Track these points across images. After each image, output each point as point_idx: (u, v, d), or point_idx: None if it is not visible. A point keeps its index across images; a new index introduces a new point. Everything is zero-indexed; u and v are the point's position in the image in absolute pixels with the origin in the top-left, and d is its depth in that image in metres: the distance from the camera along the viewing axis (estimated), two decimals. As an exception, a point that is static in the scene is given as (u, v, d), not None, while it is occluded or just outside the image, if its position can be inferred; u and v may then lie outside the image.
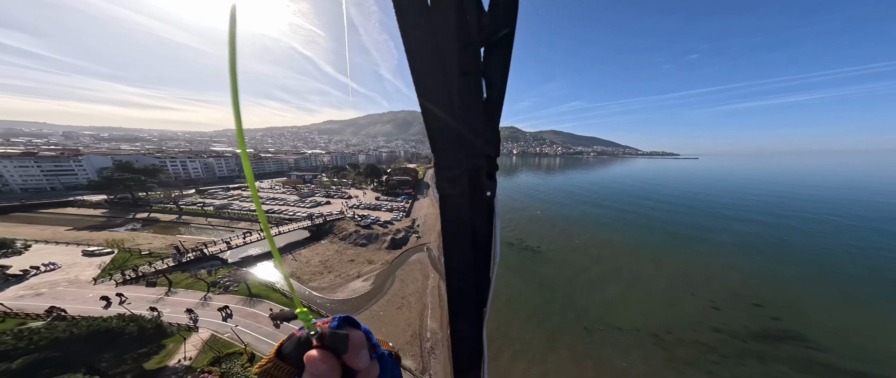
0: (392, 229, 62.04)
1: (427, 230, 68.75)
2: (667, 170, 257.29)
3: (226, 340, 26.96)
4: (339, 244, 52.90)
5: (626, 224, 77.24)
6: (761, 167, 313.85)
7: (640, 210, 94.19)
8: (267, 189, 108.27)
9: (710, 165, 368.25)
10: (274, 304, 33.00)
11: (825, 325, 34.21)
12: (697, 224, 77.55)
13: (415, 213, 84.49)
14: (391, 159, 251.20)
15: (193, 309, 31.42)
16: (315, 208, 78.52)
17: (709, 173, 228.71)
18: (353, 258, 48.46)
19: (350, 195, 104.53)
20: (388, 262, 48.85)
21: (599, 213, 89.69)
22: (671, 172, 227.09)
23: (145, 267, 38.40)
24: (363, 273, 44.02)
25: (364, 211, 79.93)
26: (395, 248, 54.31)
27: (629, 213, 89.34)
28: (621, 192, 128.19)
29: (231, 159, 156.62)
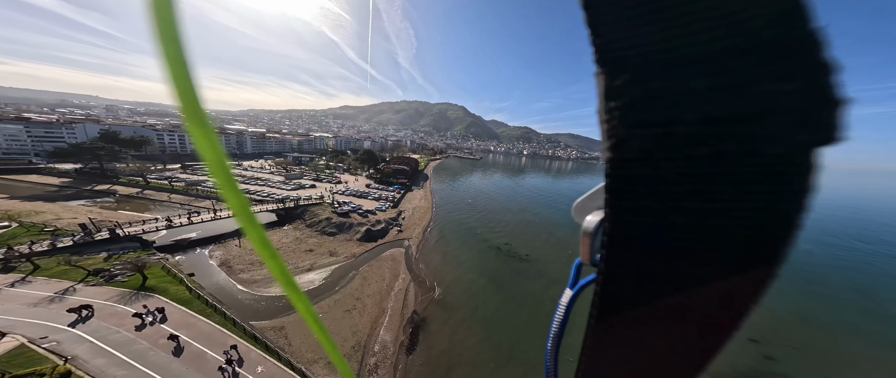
0: (371, 220, 56.98)
1: (412, 224, 63.52)
2: None
3: (40, 353, 20.36)
4: (304, 231, 48.14)
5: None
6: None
7: None
8: (256, 168, 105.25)
9: None
10: (170, 301, 26.55)
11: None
12: None
13: (404, 204, 79.43)
14: (395, 148, 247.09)
15: (36, 305, 24.67)
16: (296, 191, 74.30)
17: None
18: (313, 248, 43.57)
19: (341, 180, 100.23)
20: (354, 255, 43.77)
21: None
22: None
23: (24, 247, 31.52)
24: (318, 266, 39.04)
25: (347, 197, 75.21)
26: (368, 241, 49.21)
27: None
28: None
29: (238, 137, 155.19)
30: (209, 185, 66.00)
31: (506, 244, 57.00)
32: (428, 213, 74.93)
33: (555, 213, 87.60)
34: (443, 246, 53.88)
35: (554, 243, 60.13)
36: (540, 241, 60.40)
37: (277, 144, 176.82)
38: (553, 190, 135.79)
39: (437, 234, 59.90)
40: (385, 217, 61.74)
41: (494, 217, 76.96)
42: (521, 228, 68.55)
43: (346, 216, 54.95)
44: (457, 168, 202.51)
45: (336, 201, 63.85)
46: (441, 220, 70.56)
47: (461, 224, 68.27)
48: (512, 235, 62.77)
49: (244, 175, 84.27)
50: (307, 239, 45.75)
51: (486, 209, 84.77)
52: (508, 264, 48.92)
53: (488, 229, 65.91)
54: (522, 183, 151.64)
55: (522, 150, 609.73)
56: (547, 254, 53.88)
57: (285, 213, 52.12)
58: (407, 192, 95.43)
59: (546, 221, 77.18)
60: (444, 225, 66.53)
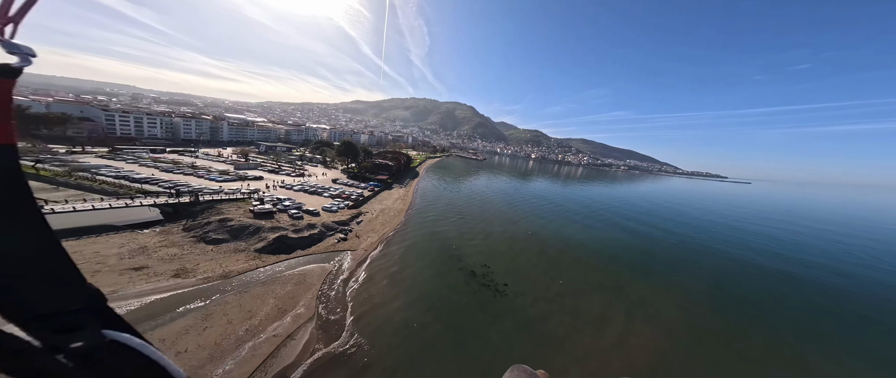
0: (303, 223, 42.45)
1: (368, 230, 48.88)
2: (706, 192, 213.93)
3: None
4: (177, 236, 33.88)
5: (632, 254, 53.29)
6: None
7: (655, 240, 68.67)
8: (212, 155, 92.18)
9: (767, 192, 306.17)
10: None
11: None
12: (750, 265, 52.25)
13: (371, 204, 64.82)
14: (394, 143, 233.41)
15: None
16: (233, 182, 60.41)
17: (762, 200, 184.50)
18: (169, 258, 29.07)
19: (307, 172, 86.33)
20: (226, 275, 29.19)
21: (608, 236, 65.46)
22: (713, 195, 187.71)
23: None
24: (130, 293, 24.24)
25: (295, 193, 60.93)
26: (276, 253, 34.71)
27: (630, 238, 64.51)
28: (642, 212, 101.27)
29: (214, 123, 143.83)
30: (108, 171, 52.18)
31: (483, 267, 41.63)
32: (398, 216, 60.15)
33: (552, 225, 71.44)
34: (398, 263, 39.05)
35: (544, 268, 44.40)
36: (527, 265, 44.78)
37: (261, 133, 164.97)
38: (556, 197, 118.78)
39: (397, 246, 45.04)
40: (330, 220, 47.20)
41: (480, 227, 61.48)
42: (508, 245, 52.96)
43: (266, 217, 40.57)
44: (456, 168, 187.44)
45: (262, 198, 49.42)
46: (412, 227, 55.61)
47: (435, 234, 53.13)
48: (495, 254, 47.28)
49: (177, 164, 70.65)
50: (166, 247, 31.29)
51: (473, 217, 69.29)
52: (477, 297, 33.74)
53: (467, 244, 50.57)
54: (524, 189, 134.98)
55: (530, 153, 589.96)
56: (531, 284, 38.40)
57: (174, 210, 37.89)
58: (383, 190, 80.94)
59: (541, 236, 61.16)
60: (412, 234, 51.61)
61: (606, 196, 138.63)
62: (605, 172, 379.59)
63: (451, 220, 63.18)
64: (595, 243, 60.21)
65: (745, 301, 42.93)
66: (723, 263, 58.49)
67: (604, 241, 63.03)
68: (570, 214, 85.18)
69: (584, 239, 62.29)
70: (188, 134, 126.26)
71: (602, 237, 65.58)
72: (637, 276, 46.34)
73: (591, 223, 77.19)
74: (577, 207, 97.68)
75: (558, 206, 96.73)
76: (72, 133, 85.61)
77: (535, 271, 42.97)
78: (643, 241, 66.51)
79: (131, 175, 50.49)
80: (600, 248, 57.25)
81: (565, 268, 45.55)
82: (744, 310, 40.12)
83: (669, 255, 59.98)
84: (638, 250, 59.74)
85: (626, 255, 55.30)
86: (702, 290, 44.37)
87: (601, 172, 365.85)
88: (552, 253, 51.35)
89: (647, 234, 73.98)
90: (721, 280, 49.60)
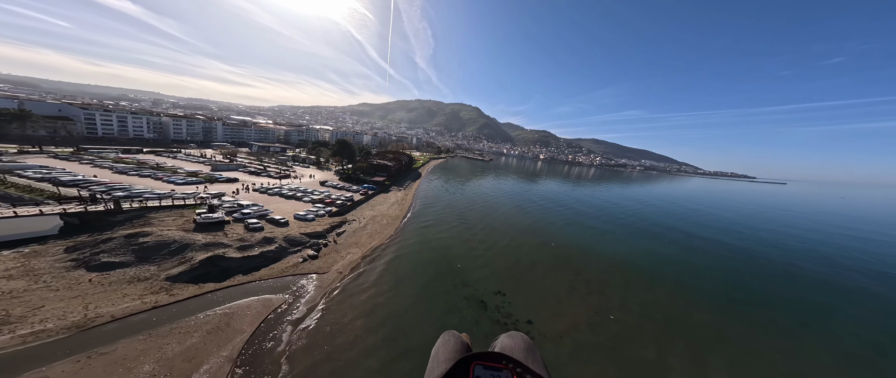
0: (261, 237, 32.87)
1: (350, 244, 39.20)
2: (740, 194, 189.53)
3: None
4: (48, 258, 24.61)
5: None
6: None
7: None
8: (194, 156, 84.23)
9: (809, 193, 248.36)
10: None
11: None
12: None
13: (361, 211, 55.10)
14: (398, 144, 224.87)
15: None
16: (193, 186, 51.46)
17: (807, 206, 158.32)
18: (10, 292, 19.51)
19: (295, 174, 77.45)
20: (98, 319, 19.65)
21: (653, 250, 53.66)
22: (750, 197, 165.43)
23: None
24: None
25: (270, 197, 51.60)
26: (205, 280, 25.37)
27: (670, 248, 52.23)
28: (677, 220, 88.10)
29: (207, 123, 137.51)
30: (42, 171, 43.79)
31: (497, 295, 31.25)
32: (392, 225, 50.30)
33: (577, 235, 60.25)
34: (381, 291, 29.14)
35: (582, 295, 33.58)
36: (557, 290, 34.06)
37: (259, 133, 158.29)
38: (574, 201, 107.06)
39: (384, 265, 35.11)
40: (301, 231, 37.53)
41: (490, 238, 51.03)
42: (527, 262, 42.34)
43: (211, 229, 31.05)
44: (461, 169, 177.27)
45: (212, 205, 40.09)
46: (407, 238, 45.63)
47: (435, 248, 42.99)
48: (510, 275, 36.74)
49: (144, 163, 62.33)
50: (7, 279, 21.46)
51: (480, 224, 58.83)
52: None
53: (475, 260, 40.20)
54: (536, 191, 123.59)
55: (538, 154, 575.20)
56: (568, 320, 27.76)
57: (82, 221, 28.68)
58: (379, 193, 71.26)
59: (568, 251, 50.19)
60: (406, 247, 41.63)
61: (629, 199, 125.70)
62: (619, 173, 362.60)
63: (455, 229, 52.89)
64: (640, 260, 48.42)
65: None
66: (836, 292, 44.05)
67: (650, 255, 51.21)
68: (597, 222, 73.65)
69: (625, 254, 50.73)
70: (179, 134, 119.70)
71: (646, 251, 53.62)
72: (719, 309, 34.78)
73: (624, 233, 65.40)
74: (600, 213, 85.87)
75: (578, 211, 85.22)
76: (45, 131, 79.33)
77: (569, 300, 32.24)
78: (701, 258, 53.64)
79: (59, 177, 41.94)
80: (649, 267, 45.67)
81: (611, 295, 34.64)
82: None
83: (751, 276, 47.67)
84: (699, 270, 47.65)
85: (686, 277, 43.52)
86: (858, 338, 32.40)
87: (615, 173, 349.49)
88: (588, 273, 40.38)
89: (701, 248, 60.03)
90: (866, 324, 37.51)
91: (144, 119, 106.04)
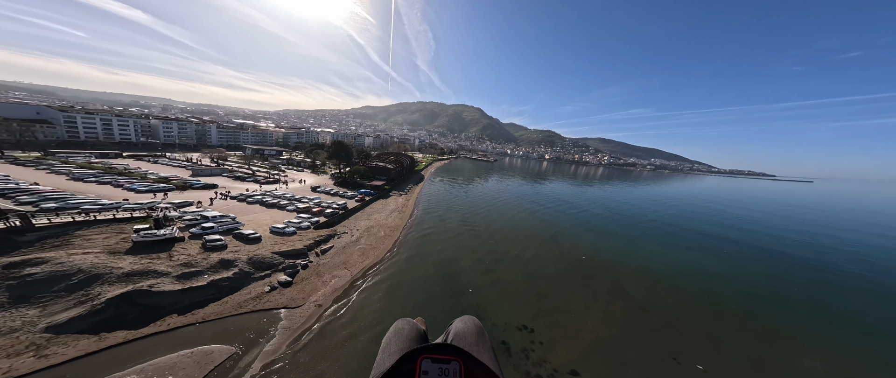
0: (217, 258, 25.80)
1: (340, 263, 32.19)
2: (769, 193, 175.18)
3: None
4: None
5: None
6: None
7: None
8: (178, 159, 78.00)
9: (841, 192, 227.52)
10: None
11: None
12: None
13: (355, 220, 47.99)
14: (400, 146, 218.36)
15: None
16: (158, 194, 44.68)
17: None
18: None
19: (286, 178, 70.72)
20: None
21: (708, 262, 45.45)
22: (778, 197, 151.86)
23: None
24: None
25: (251, 205, 44.57)
26: (106, 328, 18.19)
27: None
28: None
29: (201, 126, 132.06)
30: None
31: (522, 330, 24.16)
32: (390, 237, 43.14)
33: (606, 243, 52.35)
34: (374, 331, 22.30)
35: (643, 329, 26.08)
36: (604, 323, 26.51)
37: (255, 136, 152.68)
38: (591, 204, 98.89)
39: (377, 294, 28.01)
40: (275, 248, 30.44)
41: (504, 251, 43.62)
42: (553, 281, 34.91)
43: (151, 250, 23.98)
44: (465, 170, 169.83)
45: (168, 216, 33.18)
46: (407, 254, 38.43)
47: (441, 266, 35.74)
48: (534, 301, 29.35)
49: (112, 168, 55.92)
50: None
51: (491, 234, 51.40)
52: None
53: (488, 281, 32.82)
54: (547, 193, 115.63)
55: (543, 154, 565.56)
56: (629, 364, 20.21)
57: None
58: (377, 199, 64.16)
59: (605, 266, 42.46)
60: (406, 266, 34.46)
61: (648, 200, 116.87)
62: (629, 172, 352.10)
63: (462, 241, 45.41)
64: (691, 276, 40.33)
65: None
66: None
67: (700, 271, 42.93)
68: (620, 227, 65.60)
69: (669, 268, 42.78)
70: (170, 137, 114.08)
71: (693, 265, 45.33)
72: (834, 348, 26.90)
73: (656, 241, 57.32)
74: (621, 217, 77.66)
75: (596, 215, 77.14)
76: (7, 135, 73.85)
77: (629, 340, 24.57)
78: (764, 271, 45.26)
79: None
80: (706, 287, 37.64)
81: (684, 327, 26.96)
82: None
83: (843, 295, 39.26)
84: (773, 290, 39.46)
85: (761, 300, 35.38)
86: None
87: (625, 172, 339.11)
88: (638, 295, 32.72)
89: (756, 258, 51.70)
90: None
91: (131, 122, 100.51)
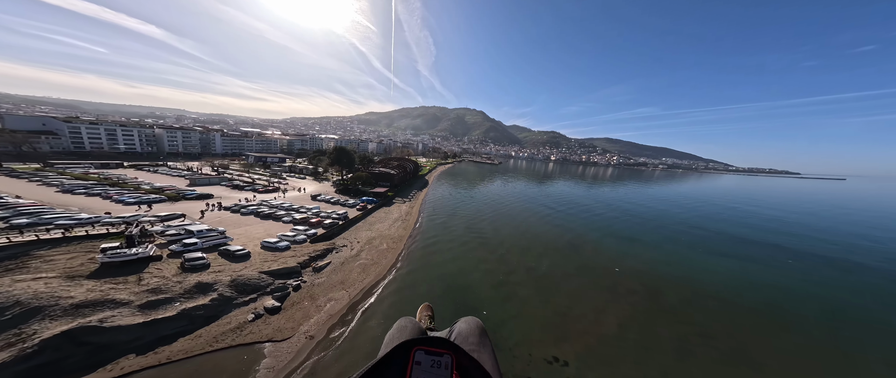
0: (194, 281, 22.78)
1: (337, 282, 28.93)
2: (804, 192, 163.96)
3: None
4: None
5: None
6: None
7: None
8: (178, 169, 76.28)
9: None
10: None
11: None
12: None
13: (358, 231, 44.83)
14: (403, 150, 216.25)
15: None
16: (141, 206, 42.01)
17: None
18: None
19: (290, 186, 68.23)
20: None
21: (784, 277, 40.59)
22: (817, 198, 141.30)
23: None
24: None
25: (245, 216, 41.62)
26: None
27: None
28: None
29: (205, 134, 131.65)
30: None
31: (554, 364, 20.31)
32: (393, 250, 39.84)
33: (636, 249, 47.83)
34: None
35: (708, 360, 21.85)
36: (653, 344, 22.33)
37: (260, 144, 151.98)
38: (609, 208, 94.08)
39: (378, 318, 24.55)
40: (264, 267, 27.25)
41: (520, 263, 39.81)
42: (584, 300, 30.76)
43: (120, 272, 20.96)
44: (470, 174, 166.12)
45: (144, 232, 30.32)
46: (412, 269, 34.98)
47: (451, 282, 32.18)
48: (565, 323, 25.44)
49: (107, 178, 53.96)
50: None
51: (504, 243, 47.61)
52: None
53: (505, 299, 29.08)
54: (558, 195, 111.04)
55: (549, 155, 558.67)
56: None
57: None
58: (380, 207, 60.97)
59: (650, 281, 38.19)
60: (411, 284, 31.01)
61: (667, 202, 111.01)
62: (640, 172, 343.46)
63: (473, 252, 41.62)
64: (748, 292, 35.38)
65: None
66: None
67: (756, 285, 38.07)
68: (648, 231, 60.84)
69: (720, 276, 38.32)
70: (174, 147, 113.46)
71: (749, 273, 40.54)
72: None
73: (699, 246, 52.30)
74: (646, 221, 72.67)
75: (617, 218, 72.41)
76: (11, 147, 73.45)
77: (683, 372, 20.34)
78: (835, 285, 39.41)
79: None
80: (781, 300, 33.07)
81: (759, 357, 22.59)
82: None
83: None
84: (858, 310, 34.74)
85: (847, 328, 30.86)
86: None
87: (636, 172, 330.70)
88: (689, 314, 28.32)
89: (818, 270, 44.64)
90: None
91: (136, 131, 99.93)
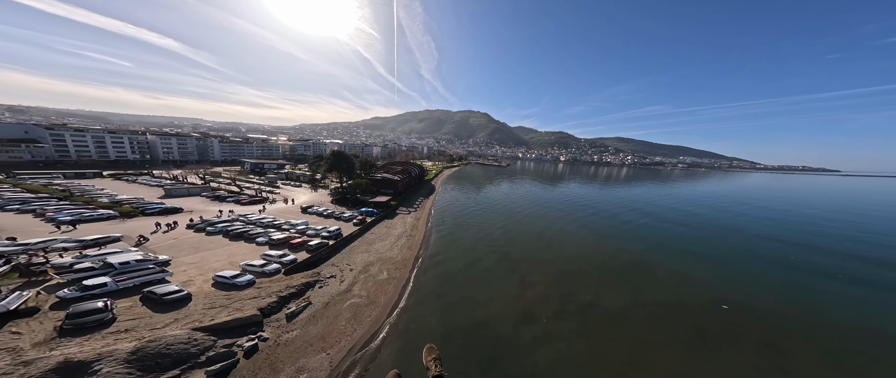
0: (53, 363, 14.44)
1: (317, 338, 20.83)
2: (872, 193, 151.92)
3: None
4: None
5: None
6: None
7: None
8: (165, 177, 69.92)
9: None
10: None
11: None
12: None
13: (352, 253, 36.90)
14: (408, 154, 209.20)
15: None
16: (64, 227, 34.83)
17: None
18: None
19: (281, 196, 60.93)
20: None
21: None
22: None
23: None
24: None
25: (212, 236, 34.07)
26: None
27: None
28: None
29: (202, 140, 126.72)
30: None
31: None
32: (396, 280, 31.91)
33: (740, 277, 38.39)
34: None
35: None
36: None
37: (260, 150, 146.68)
38: (651, 218, 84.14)
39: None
40: (204, 319, 19.33)
41: (559, 293, 31.13)
42: (666, 352, 21.53)
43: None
44: (478, 177, 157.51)
45: (44, 270, 22.63)
46: (419, 312, 26.90)
47: (474, 332, 23.85)
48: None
49: (63, 191, 47.16)
50: None
51: (530, 261, 38.99)
52: None
53: (556, 354, 20.16)
54: (584, 198, 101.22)
55: (558, 156, 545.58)
56: None
57: None
58: (381, 220, 53.01)
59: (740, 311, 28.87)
60: (418, 338, 22.65)
61: (708, 204, 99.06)
62: (658, 172, 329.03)
63: (497, 280, 32.96)
64: None
65: None
66: None
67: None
68: (708, 245, 50.93)
69: (854, 313, 28.60)
70: (169, 154, 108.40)
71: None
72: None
73: (790, 265, 42.34)
74: (694, 229, 62.52)
75: (661, 228, 62.50)
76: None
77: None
78: None
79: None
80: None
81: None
82: None
83: None
84: None
85: None
86: None
87: (653, 172, 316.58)
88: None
89: None
90: None
91: (126, 138, 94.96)
